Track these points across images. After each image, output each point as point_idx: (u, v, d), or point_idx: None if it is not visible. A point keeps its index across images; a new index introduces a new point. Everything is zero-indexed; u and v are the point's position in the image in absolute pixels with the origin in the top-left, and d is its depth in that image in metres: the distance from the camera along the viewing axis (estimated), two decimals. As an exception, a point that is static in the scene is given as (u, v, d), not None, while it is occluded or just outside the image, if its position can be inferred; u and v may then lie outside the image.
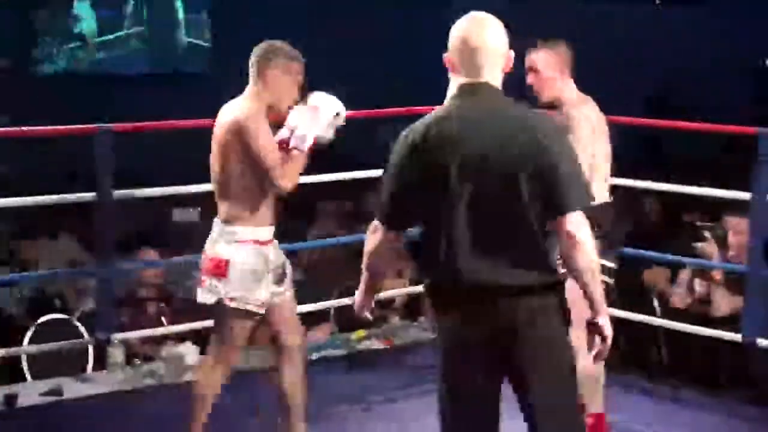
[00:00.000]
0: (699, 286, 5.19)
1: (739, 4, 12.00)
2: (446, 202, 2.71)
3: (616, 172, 4.79)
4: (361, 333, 5.39)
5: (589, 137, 3.84)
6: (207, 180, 5.05)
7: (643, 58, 11.52)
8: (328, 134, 3.70)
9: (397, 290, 5.67)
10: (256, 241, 3.62)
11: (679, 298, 5.24)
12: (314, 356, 5.15)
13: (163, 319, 5.51)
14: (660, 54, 11.51)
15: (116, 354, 4.93)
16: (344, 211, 7.35)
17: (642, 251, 5.09)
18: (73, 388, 4.75)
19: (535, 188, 2.67)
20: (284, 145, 3.61)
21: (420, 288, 5.48)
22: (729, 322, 4.83)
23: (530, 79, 3.95)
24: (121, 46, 11.01)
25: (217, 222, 3.66)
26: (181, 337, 5.17)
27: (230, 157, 3.55)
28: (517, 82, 3.30)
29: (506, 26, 2.81)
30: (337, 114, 3.69)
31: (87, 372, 5.07)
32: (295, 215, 7.35)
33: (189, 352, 5.01)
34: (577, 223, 2.69)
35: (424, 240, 2.78)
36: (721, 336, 4.68)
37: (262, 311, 3.69)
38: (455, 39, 2.78)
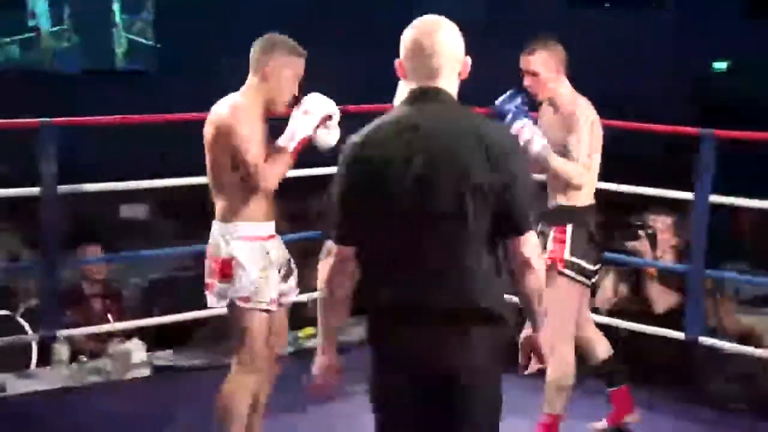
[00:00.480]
0: (623, 286, 5.25)
1: (688, 8, 12.19)
2: (387, 216, 2.53)
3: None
4: (309, 330, 5.40)
5: (588, 135, 3.88)
6: (156, 176, 5.08)
7: (594, 60, 11.63)
8: (329, 139, 3.63)
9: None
10: (258, 237, 3.53)
11: (600, 299, 5.27)
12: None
13: (109, 315, 5.48)
14: (608, 57, 11.64)
15: (61, 351, 4.90)
16: (291, 210, 7.33)
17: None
18: (16, 385, 4.71)
19: (485, 207, 2.50)
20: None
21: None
22: (665, 319, 4.89)
23: (528, 81, 3.95)
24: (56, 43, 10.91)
25: (215, 222, 3.55)
26: (128, 334, 5.14)
27: (219, 155, 3.47)
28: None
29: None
30: (330, 116, 3.62)
31: (31, 369, 5.02)
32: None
33: (136, 348, 4.99)
34: (531, 246, 2.57)
35: (365, 258, 2.58)
36: (664, 334, 4.73)
37: (275, 308, 3.59)
38: (407, 42, 2.60)
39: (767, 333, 4.96)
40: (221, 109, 3.49)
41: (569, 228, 3.93)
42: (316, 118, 3.58)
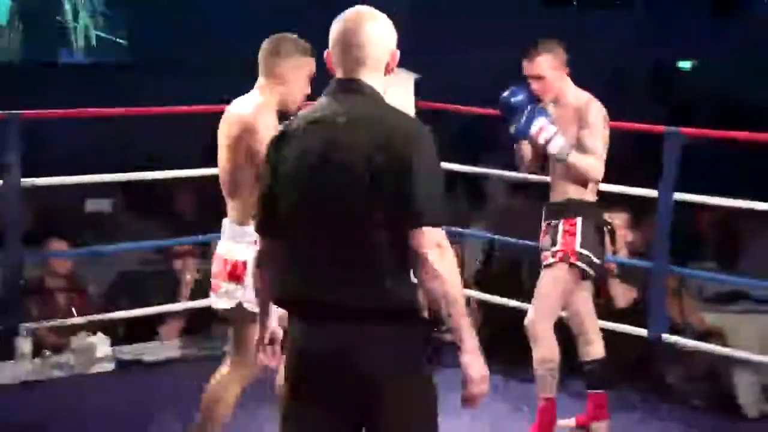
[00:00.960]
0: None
1: (652, 7, 12.28)
2: (293, 208, 2.49)
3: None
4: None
5: (602, 129, 3.94)
6: (122, 170, 5.05)
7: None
8: None
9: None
10: None
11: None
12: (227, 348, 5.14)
13: (73, 310, 5.44)
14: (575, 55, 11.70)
15: (23, 345, 4.86)
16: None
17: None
18: (-22, 379, 4.68)
19: (384, 199, 2.40)
20: None
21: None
22: (626, 315, 4.92)
23: (535, 86, 3.97)
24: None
25: (227, 222, 3.50)
26: (92, 329, 5.11)
27: (240, 155, 3.42)
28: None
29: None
30: None
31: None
32: (208, 208, 7.32)
33: (100, 342, 4.97)
34: (432, 242, 2.39)
35: (279, 250, 2.53)
36: (628, 331, 4.75)
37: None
38: (333, 32, 2.55)
39: (730, 330, 4.99)
40: (244, 109, 3.46)
41: (579, 221, 3.98)
42: None
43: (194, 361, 5.06)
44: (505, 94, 3.99)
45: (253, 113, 3.42)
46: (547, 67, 3.95)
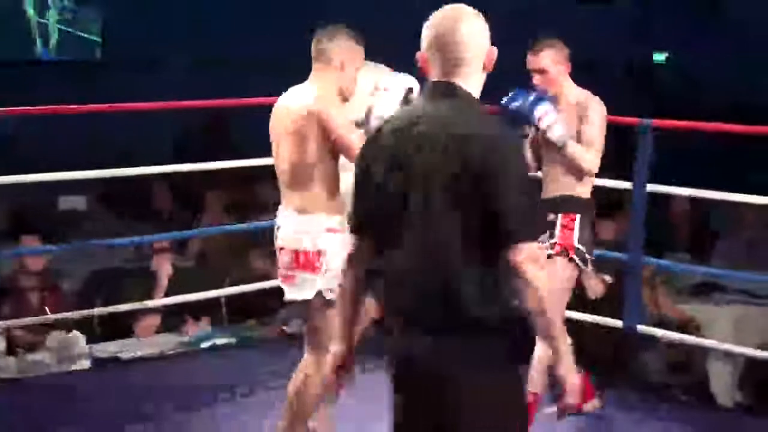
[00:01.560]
0: None
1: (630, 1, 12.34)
2: (381, 212, 2.44)
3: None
4: (252, 322, 5.41)
5: (602, 124, 4.00)
6: (96, 166, 5.03)
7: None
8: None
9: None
10: (341, 230, 3.45)
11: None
12: (204, 345, 5.15)
13: (46, 308, 5.41)
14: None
15: (-3, 343, 4.85)
16: (234, 200, 7.32)
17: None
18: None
19: (476, 212, 2.35)
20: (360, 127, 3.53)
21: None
22: (602, 306, 4.96)
23: (537, 79, 4.02)
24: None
25: (289, 213, 3.50)
26: (68, 327, 5.10)
27: (308, 144, 3.43)
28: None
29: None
30: (410, 89, 3.59)
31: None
32: (183, 205, 7.33)
33: (76, 340, 4.95)
34: (528, 258, 2.36)
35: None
36: (602, 323, 4.80)
37: None
38: (428, 33, 2.47)
39: (704, 321, 5.04)
40: (306, 100, 3.47)
41: (578, 217, 4.05)
42: (399, 94, 3.56)
43: (171, 357, 5.06)
44: (507, 97, 4.01)
45: (319, 104, 3.44)
46: (551, 61, 4.02)
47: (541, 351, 3.95)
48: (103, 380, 4.77)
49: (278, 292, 5.70)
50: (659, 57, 12.81)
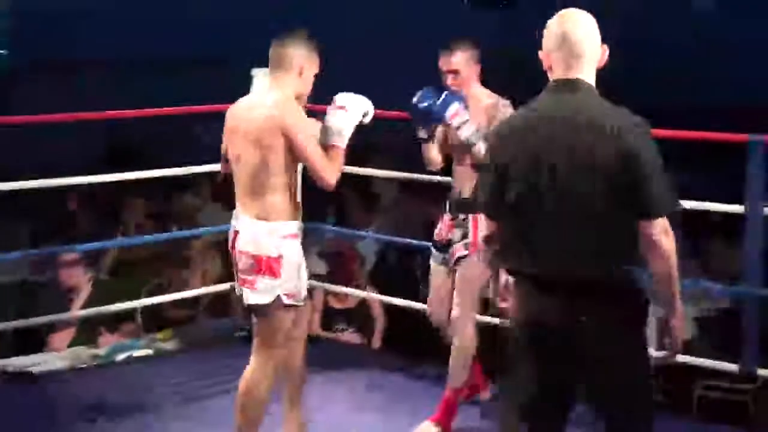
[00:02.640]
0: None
1: (548, 6, 12.51)
2: (524, 194, 2.76)
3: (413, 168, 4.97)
4: (167, 333, 5.38)
5: None
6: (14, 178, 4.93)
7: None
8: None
9: (202, 289, 5.69)
10: (298, 235, 3.59)
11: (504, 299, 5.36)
12: (120, 357, 5.11)
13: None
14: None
15: None
16: (152, 210, 7.29)
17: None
18: None
19: (619, 192, 2.69)
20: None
21: (225, 286, 5.55)
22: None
23: (449, 80, 4.08)
24: None
25: (249, 220, 3.53)
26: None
27: (270, 152, 3.48)
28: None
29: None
30: (365, 113, 3.67)
31: None
32: (102, 214, 7.27)
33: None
34: (661, 229, 2.73)
35: (509, 232, 2.84)
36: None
37: (303, 305, 3.67)
38: (552, 35, 2.81)
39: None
40: (268, 108, 3.50)
41: (481, 216, 4.08)
42: (357, 114, 3.64)
43: (85, 370, 5.00)
44: (416, 97, 4.06)
45: (283, 110, 3.48)
46: (464, 62, 4.08)
47: (458, 342, 4.14)
48: (13, 395, 4.69)
49: (193, 301, 5.77)
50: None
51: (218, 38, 10.60)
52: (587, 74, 2.81)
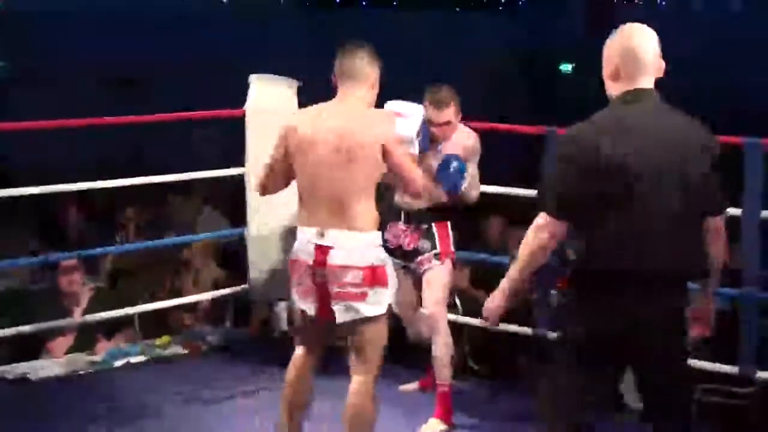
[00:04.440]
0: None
1: (536, 11, 12.60)
2: (615, 199, 2.94)
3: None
4: (165, 339, 5.41)
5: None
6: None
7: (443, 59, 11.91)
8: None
9: (201, 295, 5.71)
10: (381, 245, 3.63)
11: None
12: (118, 363, 5.13)
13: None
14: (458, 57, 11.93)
15: None
16: (148, 217, 7.32)
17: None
18: None
19: (697, 191, 2.98)
20: None
21: (224, 292, 5.58)
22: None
23: (438, 130, 4.28)
24: None
25: (345, 232, 3.50)
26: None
27: (367, 163, 3.49)
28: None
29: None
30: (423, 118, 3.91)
31: None
32: (99, 221, 7.30)
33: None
34: (722, 221, 3.14)
35: (589, 230, 2.98)
36: (517, 331, 4.94)
37: None
38: (621, 48, 3.05)
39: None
40: (381, 119, 3.58)
41: (448, 224, 4.48)
42: (417, 119, 3.79)
43: (83, 377, 5.03)
44: (441, 171, 4.24)
45: (380, 124, 3.54)
46: (455, 113, 4.32)
47: (440, 340, 4.39)
48: (11, 401, 4.72)
49: (191, 308, 5.80)
50: (566, 67, 13.10)
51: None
52: (651, 83, 3.06)
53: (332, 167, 3.50)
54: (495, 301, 3.18)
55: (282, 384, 3.75)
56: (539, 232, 3.02)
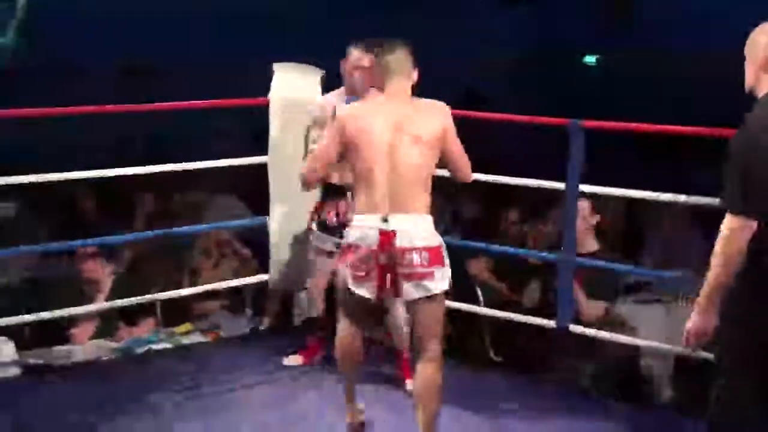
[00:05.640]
0: None
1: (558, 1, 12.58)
2: None
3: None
4: (186, 327, 5.48)
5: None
6: (25, 171, 5.03)
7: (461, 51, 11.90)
8: None
9: (220, 283, 5.74)
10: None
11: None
12: (139, 350, 5.22)
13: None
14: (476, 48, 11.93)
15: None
16: (164, 206, 7.38)
17: (468, 242, 5.50)
18: None
19: None
20: None
21: (244, 281, 5.64)
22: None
23: (359, 74, 4.46)
24: None
25: (410, 215, 3.74)
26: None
27: (433, 151, 3.79)
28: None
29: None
30: None
31: None
32: (116, 209, 7.36)
33: (4, 346, 4.98)
34: None
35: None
36: (537, 323, 5.00)
37: None
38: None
39: (635, 320, 5.21)
40: (439, 109, 3.85)
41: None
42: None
43: (104, 363, 5.12)
44: None
45: (445, 115, 3.83)
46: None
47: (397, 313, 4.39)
48: (34, 387, 4.81)
49: (212, 295, 5.86)
50: (590, 59, 13.08)
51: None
52: None
53: (394, 156, 3.75)
54: (702, 321, 3.12)
55: (300, 373, 3.86)
56: (734, 236, 3.02)
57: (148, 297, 5.38)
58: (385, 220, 3.72)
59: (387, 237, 3.71)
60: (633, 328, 5.13)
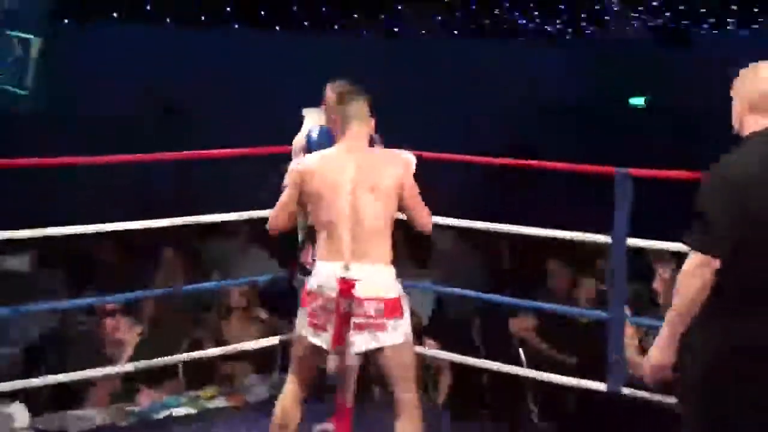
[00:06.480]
0: None
1: (602, 46, 12.51)
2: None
3: (471, 214, 4.96)
4: (210, 392, 5.32)
5: None
6: (37, 224, 4.92)
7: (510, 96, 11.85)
8: None
9: (247, 344, 5.59)
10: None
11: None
12: (161, 415, 5.06)
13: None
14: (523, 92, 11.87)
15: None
16: (190, 259, 7.26)
17: (510, 298, 5.31)
18: None
19: None
20: None
21: (273, 341, 5.48)
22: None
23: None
24: None
25: (369, 265, 3.79)
26: (9, 397, 4.97)
27: (388, 203, 3.86)
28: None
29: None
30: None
31: None
32: (138, 262, 7.25)
33: (17, 412, 4.85)
34: None
35: (733, 273, 3.04)
36: (586, 386, 4.78)
37: None
38: (765, 83, 3.16)
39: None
40: (398, 159, 3.96)
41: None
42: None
43: (125, 429, 4.95)
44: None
45: (404, 165, 3.94)
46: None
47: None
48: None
49: (238, 357, 5.70)
50: (638, 101, 12.90)
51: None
52: None
53: (355, 206, 3.83)
54: (662, 357, 3.17)
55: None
56: (698, 272, 3.05)
57: (174, 358, 5.23)
58: (347, 269, 3.78)
59: (347, 285, 3.77)
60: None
